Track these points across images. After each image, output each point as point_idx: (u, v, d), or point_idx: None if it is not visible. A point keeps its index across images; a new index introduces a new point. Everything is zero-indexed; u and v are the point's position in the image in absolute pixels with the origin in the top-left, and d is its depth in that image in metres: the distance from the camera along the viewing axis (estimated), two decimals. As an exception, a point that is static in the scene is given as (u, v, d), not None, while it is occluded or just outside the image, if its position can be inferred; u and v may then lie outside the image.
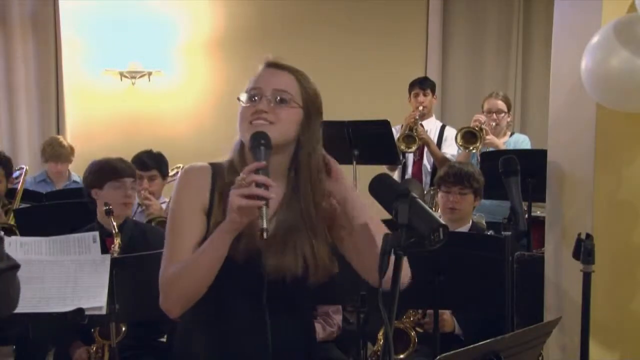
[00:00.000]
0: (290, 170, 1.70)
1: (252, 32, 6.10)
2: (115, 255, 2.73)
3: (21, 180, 4.30)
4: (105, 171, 3.08)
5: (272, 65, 1.71)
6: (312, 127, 1.70)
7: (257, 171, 1.52)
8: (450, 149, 4.66)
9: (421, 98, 4.88)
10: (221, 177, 1.68)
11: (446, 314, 2.95)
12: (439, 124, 4.99)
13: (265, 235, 1.48)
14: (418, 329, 3.00)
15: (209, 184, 1.68)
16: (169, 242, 1.68)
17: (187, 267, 1.60)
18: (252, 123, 1.63)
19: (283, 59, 1.73)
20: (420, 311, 3.02)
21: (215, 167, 1.72)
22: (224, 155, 1.74)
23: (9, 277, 1.56)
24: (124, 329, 2.78)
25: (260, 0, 6.22)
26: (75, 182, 5.02)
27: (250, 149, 1.60)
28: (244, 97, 1.68)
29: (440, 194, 3.27)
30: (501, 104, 4.52)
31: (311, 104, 1.70)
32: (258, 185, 1.50)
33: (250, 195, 1.49)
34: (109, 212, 2.93)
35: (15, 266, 1.59)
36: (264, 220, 1.48)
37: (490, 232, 3.31)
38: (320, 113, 1.73)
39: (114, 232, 2.90)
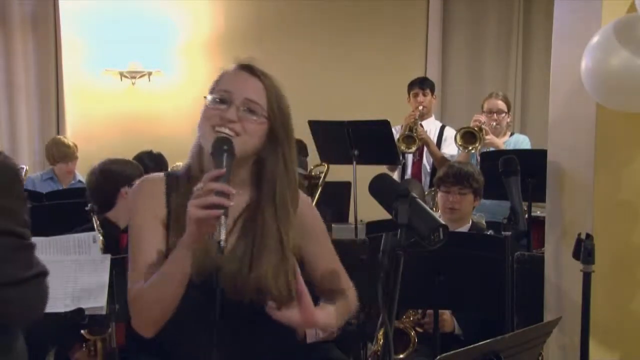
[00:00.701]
0: (251, 183, 1.63)
1: (252, 33, 6.10)
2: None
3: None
4: (141, 166, 3.11)
5: (246, 68, 1.63)
6: (278, 142, 1.62)
7: (216, 179, 1.43)
8: (450, 149, 4.66)
9: (420, 98, 4.87)
10: (177, 186, 1.60)
11: (446, 314, 2.95)
12: (439, 124, 4.99)
13: (222, 247, 1.38)
14: (418, 328, 3.00)
15: (164, 195, 1.61)
16: (130, 258, 1.60)
17: (152, 287, 1.52)
18: (215, 129, 1.55)
19: (256, 60, 1.65)
20: (420, 311, 3.02)
21: (170, 177, 1.65)
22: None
23: (32, 285, 1.55)
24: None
25: (260, 1, 6.23)
26: (80, 181, 5.02)
27: (211, 154, 1.51)
28: (214, 95, 1.61)
29: (439, 194, 3.27)
30: (501, 104, 4.51)
31: (278, 117, 1.61)
32: (217, 193, 1.40)
33: (207, 205, 1.40)
34: (93, 211, 2.93)
35: (43, 273, 1.58)
36: (222, 232, 1.38)
37: (490, 232, 3.31)
38: (287, 128, 1.63)
39: (96, 230, 2.90)
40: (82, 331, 2.86)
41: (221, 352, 1.56)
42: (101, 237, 2.87)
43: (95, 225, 2.91)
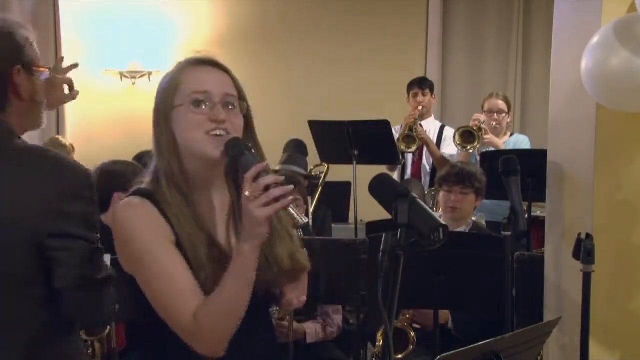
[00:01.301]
0: (229, 180, 1.58)
1: (252, 32, 6.10)
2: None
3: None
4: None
5: (209, 63, 1.58)
6: (249, 129, 1.60)
7: (258, 175, 1.41)
8: (450, 149, 4.66)
9: (420, 98, 4.88)
10: (163, 201, 1.53)
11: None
12: (438, 124, 5.00)
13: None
14: (415, 325, 3.01)
15: (161, 218, 1.52)
16: (162, 288, 1.48)
17: (223, 301, 1.46)
18: (209, 134, 1.51)
19: (215, 55, 1.60)
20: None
21: (150, 195, 1.55)
22: None
23: (101, 288, 1.57)
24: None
25: (260, 0, 6.22)
26: (77, 182, 5.01)
27: (234, 157, 1.48)
28: (189, 99, 1.52)
29: (441, 193, 3.28)
30: (502, 104, 4.51)
31: (247, 106, 1.60)
32: (269, 187, 1.39)
33: (272, 199, 1.38)
34: None
35: (110, 277, 1.59)
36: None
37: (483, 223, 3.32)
38: (251, 114, 1.62)
39: None
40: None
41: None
42: None
43: None
